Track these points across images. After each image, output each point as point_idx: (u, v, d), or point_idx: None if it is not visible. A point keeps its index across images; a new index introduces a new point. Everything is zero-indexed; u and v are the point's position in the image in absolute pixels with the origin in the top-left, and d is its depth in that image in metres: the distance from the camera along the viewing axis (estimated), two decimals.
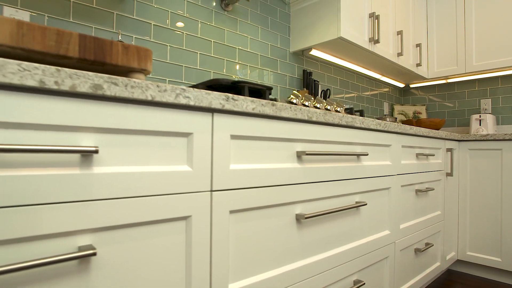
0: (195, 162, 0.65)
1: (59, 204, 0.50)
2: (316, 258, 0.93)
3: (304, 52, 1.90)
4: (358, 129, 1.09)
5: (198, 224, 0.66)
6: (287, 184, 0.84)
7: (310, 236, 0.92)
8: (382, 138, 1.22)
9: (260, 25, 1.73)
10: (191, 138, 0.65)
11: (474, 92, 2.51)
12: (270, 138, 0.81)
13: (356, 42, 1.74)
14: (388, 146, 1.27)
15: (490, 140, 1.87)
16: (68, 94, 0.52)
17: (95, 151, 0.51)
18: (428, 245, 1.54)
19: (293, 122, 0.86)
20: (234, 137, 0.73)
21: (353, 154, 1.01)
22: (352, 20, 1.73)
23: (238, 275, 0.74)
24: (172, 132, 0.63)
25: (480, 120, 2.28)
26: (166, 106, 0.62)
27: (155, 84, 0.58)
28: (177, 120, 0.63)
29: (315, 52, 1.86)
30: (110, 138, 0.56)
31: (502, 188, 1.82)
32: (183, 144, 0.65)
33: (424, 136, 1.55)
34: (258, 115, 0.78)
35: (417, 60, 2.35)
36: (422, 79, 2.53)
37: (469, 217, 1.95)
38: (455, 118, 2.61)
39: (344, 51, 1.89)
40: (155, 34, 1.32)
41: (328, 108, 1.18)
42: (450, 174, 1.80)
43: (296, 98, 1.10)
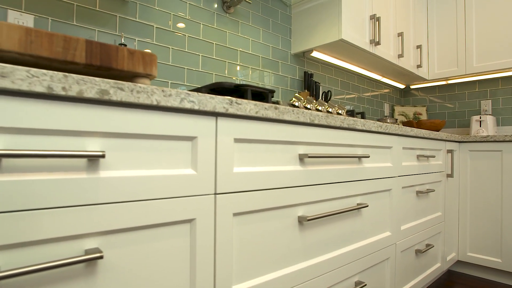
0: (200, 166, 0.66)
1: (66, 208, 0.50)
2: (318, 259, 0.94)
3: (305, 53, 1.91)
4: (359, 131, 1.10)
5: (202, 226, 0.67)
6: (290, 187, 0.85)
7: (312, 238, 0.93)
8: (383, 140, 1.22)
9: (261, 27, 1.74)
10: (195, 142, 0.66)
11: (475, 93, 2.52)
12: (273, 141, 0.82)
13: (357, 44, 1.74)
14: (389, 148, 1.27)
15: (490, 141, 1.87)
16: (75, 99, 0.52)
17: (102, 155, 0.52)
18: (429, 246, 1.55)
19: (295, 125, 0.86)
20: (238, 140, 0.74)
21: (354, 156, 1.02)
22: (353, 22, 1.74)
23: (242, 276, 0.74)
24: (177, 136, 0.63)
25: (480, 121, 2.29)
26: (171, 111, 0.63)
27: (160, 89, 0.59)
28: (181, 124, 0.64)
29: (316, 53, 1.87)
30: (116, 143, 0.56)
31: (502, 189, 1.83)
32: (188, 147, 0.66)
33: (425, 138, 1.56)
34: (261, 119, 0.79)
35: (417, 61, 2.36)
36: (423, 80, 2.54)
37: (469, 218, 1.96)
38: (455, 119, 2.62)
39: (345, 53, 1.89)
40: (157, 37, 1.33)
41: (330, 110, 1.18)
42: (450, 176, 1.80)
43: (298, 101, 1.10)
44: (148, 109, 0.60)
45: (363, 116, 1.52)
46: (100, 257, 0.51)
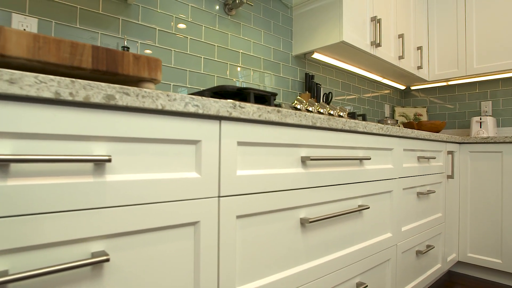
0: (203, 169, 0.67)
1: (73, 211, 0.51)
2: (319, 261, 0.95)
3: (306, 55, 1.92)
4: (360, 133, 1.11)
5: (206, 229, 0.67)
6: (292, 189, 0.86)
7: (314, 240, 0.93)
8: (384, 142, 1.23)
9: (263, 29, 1.74)
10: (199, 145, 0.67)
11: (475, 94, 2.53)
12: (275, 144, 0.82)
13: (358, 46, 1.75)
14: (390, 150, 1.28)
15: (490, 142, 1.88)
16: (82, 104, 0.53)
17: (108, 160, 0.53)
18: (429, 247, 1.56)
19: (297, 128, 0.87)
20: (241, 143, 0.74)
21: (356, 159, 1.03)
22: (354, 24, 1.75)
23: (245, 278, 0.75)
24: (181, 140, 0.64)
25: (480, 123, 2.30)
26: (176, 115, 0.64)
27: (165, 94, 0.60)
28: (186, 128, 0.64)
29: (317, 55, 1.88)
30: (121, 147, 0.57)
31: (502, 190, 1.84)
32: (192, 151, 0.66)
33: (426, 140, 1.57)
34: (264, 122, 0.79)
35: (418, 62, 2.37)
36: (423, 81, 2.55)
37: (469, 219, 1.96)
38: (455, 120, 2.62)
39: (346, 55, 1.90)
40: (159, 39, 1.33)
41: (332, 113, 1.19)
42: (451, 177, 1.81)
43: (300, 104, 1.11)
44: (153, 113, 0.60)
45: (364, 118, 1.53)
46: (107, 260, 0.52)
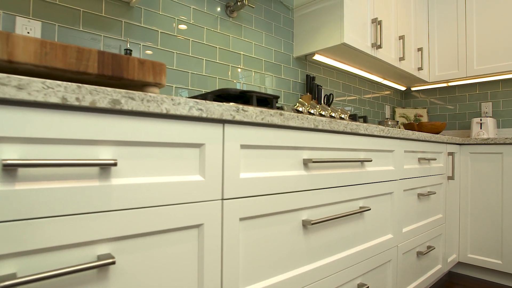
0: (207, 172, 0.68)
1: (79, 215, 0.52)
2: (321, 262, 0.95)
3: (307, 57, 1.93)
4: (362, 135, 1.11)
5: (210, 231, 0.68)
6: (294, 191, 0.87)
7: (316, 241, 0.94)
8: (385, 144, 1.24)
9: (264, 30, 1.75)
10: (203, 148, 0.67)
11: (475, 95, 2.53)
12: (278, 147, 0.83)
13: (359, 47, 1.76)
14: (391, 151, 1.29)
15: (491, 144, 1.89)
16: (88, 109, 0.54)
17: (114, 164, 0.53)
18: (430, 248, 1.56)
19: (300, 131, 0.88)
20: (244, 146, 0.75)
21: (357, 161, 1.03)
22: (355, 26, 1.75)
23: (248, 280, 0.76)
24: (185, 143, 0.65)
25: (481, 124, 2.30)
26: (180, 118, 0.64)
27: (170, 98, 0.60)
28: (190, 132, 0.65)
29: (318, 57, 1.89)
30: (127, 151, 0.58)
31: (502, 191, 1.84)
32: (196, 154, 0.67)
33: (426, 141, 1.57)
34: (266, 125, 0.80)
35: (418, 64, 2.37)
36: (424, 82, 2.56)
37: (470, 220, 1.97)
38: (456, 121, 2.63)
39: (347, 56, 1.91)
40: (162, 41, 1.34)
41: (333, 115, 1.20)
42: (451, 178, 1.82)
43: (302, 106, 1.12)
44: (157, 117, 0.61)
45: (365, 120, 1.53)
46: (113, 262, 0.52)
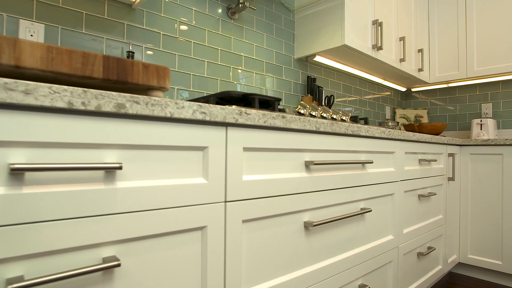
0: (210, 175, 0.68)
1: (85, 218, 0.52)
2: (323, 264, 0.96)
3: (308, 58, 1.93)
4: (363, 137, 1.12)
5: (213, 233, 0.69)
6: (296, 193, 0.87)
7: (318, 243, 0.95)
8: (386, 146, 1.24)
9: (265, 32, 1.76)
10: (206, 151, 0.68)
11: (475, 96, 2.54)
12: (280, 149, 0.84)
13: (360, 49, 1.76)
14: (392, 153, 1.30)
15: (491, 145, 1.89)
16: (94, 113, 0.54)
17: (119, 167, 0.54)
18: (431, 248, 1.57)
19: (301, 133, 0.88)
20: (246, 149, 0.76)
21: (358, 162, 1.04)
22: (356, 27, 1.76)
23: (250, 281, 0.77)
24: (189, 146, 0.65)
25: (481, 125, 2.31)
26: (183, 122, 0.65)
27: (174, 101, 0.61)
28: (193, 135, 0.66)
29: (319, 58, 1.89)
30: (131, 154, 0.58)
31: (503, 192, 1.85)
32: (199, 157, 0.68)
33: (427, 142, 1.58)
34: (269, 128, 0.81)
35: (419, 65, 2.38)
36: (424, 83, 2.56)
37: (470, 220, 1.98)
38: (456, 122, 2.64)
39: (348, 57, 1.92)
40: (163, 43, 1.35)
41: (334, 117, 1.21)
42: (451, 179, 1.82)
43: (303, 109, 1.13)
44: (162, 121, 0.62)
45: (366, 122, 1.54)
46: (118, 265, 0.53)
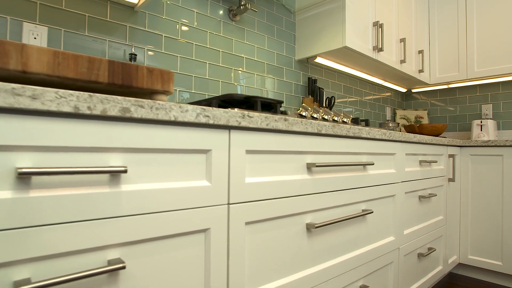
0: (214, 177, 0.69)
1: (90, 221, 0.53)
2: (325, 265, 0.97)
3: (309, 59, 1.94)
4: (364, 139, 1.13)
5: (216, 235, 0.69)
6: (298, 195, 0.88)
7: (320, 244, 0.95)
8: (387, 147, 1.25)
9: (266, 34, 1.76)
10: (209, 154, 0.69)
11: (475, 97, 2.55)
12: (282, 152, 0.84)
13: (361, 51, 1.77)
14: (393, 154, 1.30)
15: (491, 146, 1.90)
16: (99, 117, 0.55)
17: (124, 170, 0.55)
18: (431, 249, 1.57)
19: (303, 136, 0.89)
20: (249, 152, 0.76)
21: (359, 164, 1.05)
22: (357, 29, 1.77)
23: (253, 282, 0.77)
24: (192, 149, 0.66)
25: (481, 125, 2.32)
26: (187, 125, 0.66)
27: (178, 105, 0.62)
28: (197, 138, 0.66)
29: (320, 59, 1.90)
30: (136, 157, 0.59)
31: (503, 193, 1.86)
32: (202, 160, 0.68)
33: (427, 144, 1.59)
34: (271, 130, 0.81)
35: (419, 66, 2.39)
36: (424, 84, 2.57)
37: (470, 221, 1.98)
38: (456, 122, 2.64)
39: (349, 59, 1.92)
40: (165, 45, 1.35)
41: (336, 119, 1.21)
42: (452, 180, 1.83)
43: (305, 111, 1.13)
44: (166, 124, 0.62)
45: (367, 124, 1.55)
46: (123, 267, 0.54)
